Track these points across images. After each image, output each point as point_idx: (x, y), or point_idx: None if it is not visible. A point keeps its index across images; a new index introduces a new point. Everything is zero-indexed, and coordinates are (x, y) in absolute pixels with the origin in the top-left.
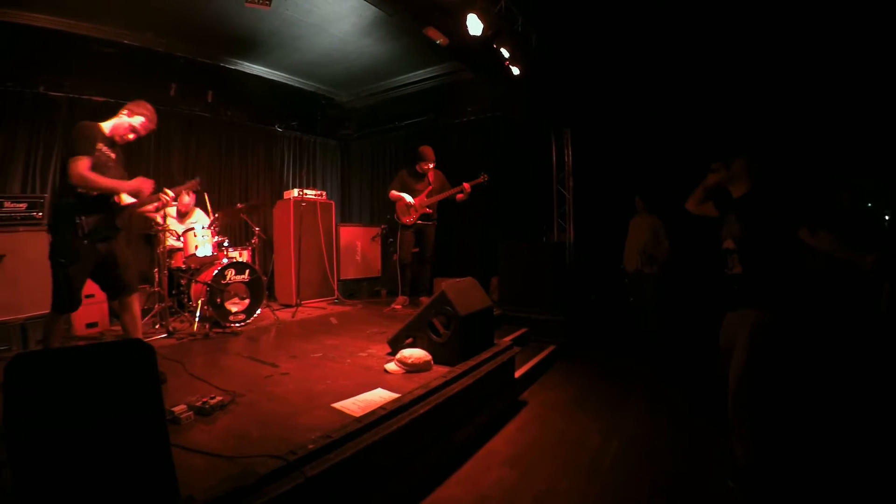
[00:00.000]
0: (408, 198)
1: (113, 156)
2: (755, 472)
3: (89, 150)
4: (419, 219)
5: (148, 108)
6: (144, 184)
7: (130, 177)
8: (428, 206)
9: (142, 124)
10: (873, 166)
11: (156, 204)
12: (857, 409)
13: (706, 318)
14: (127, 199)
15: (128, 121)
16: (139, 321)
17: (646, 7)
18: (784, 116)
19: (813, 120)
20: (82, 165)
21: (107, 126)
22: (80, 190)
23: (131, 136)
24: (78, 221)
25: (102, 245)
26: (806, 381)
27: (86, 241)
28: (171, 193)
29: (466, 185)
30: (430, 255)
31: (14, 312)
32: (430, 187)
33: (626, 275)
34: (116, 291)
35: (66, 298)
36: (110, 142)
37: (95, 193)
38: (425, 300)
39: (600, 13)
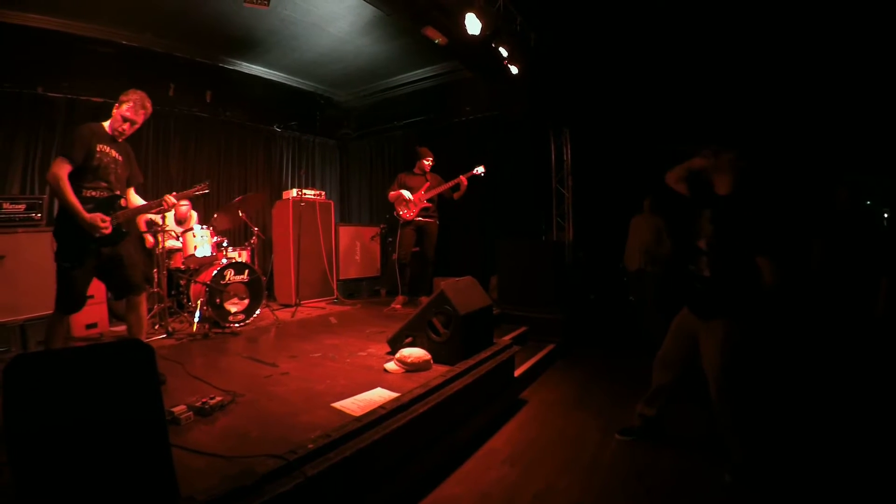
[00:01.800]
0: (406, 193)
1: (120, 157)
2: (751, 467)
3: (72, 153)
4: (419, 214)
5: (135, 93)
6: (102, 224)
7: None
8: (427, 201)
9: (129, 108)
10: (872, 162)
11: (159, 208)
12: (854, 409)
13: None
14: (135, 199)
15: (117, 112)
16: (145, 321)
17: (644, 5)
18: (784, 112)
19: (813, 116)
20: (59, 167)
21: (107, 125)
22: (85, 194)
23: (126, 127)
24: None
25: (107, 249)
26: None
27: (92, 246)
28: (172, 200)
29: (463, 178)
30: (431, 256)
31: (13, 314)
32: (428, 184)
33: (627, 274)
34: (124, 291)
35: (70, 300)
36: (112, 140)
37: (95, 194)
38: (425, 300)
39: (599, 12)
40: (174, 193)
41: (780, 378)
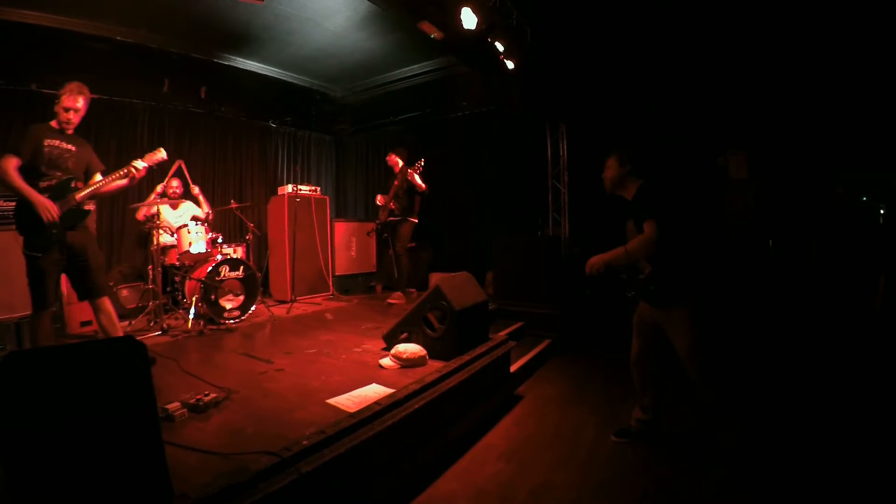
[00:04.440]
0: (378, 198)
1: (73, 148)
2: (744, 452)
3: (17, 148)
4: (389, 216)
5: (69, 84)
6: (53, 210)
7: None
8: (392, 203)
9: (66, 98)
10: (867, 158)
11: (128, 178)
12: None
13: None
14: (121, 181)
15: (58, 107)
16: (116, 319)
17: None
18: (780, 109)
19: (809, 113)
20: (5, 161)
21: (54, 122)
22: (41, 185)
23: (70, 115)
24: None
25: (74, 235)
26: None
27: (54, 231)
28: (140, 165)
29: (409, 172)
30: (396, 249)
31: (8, 312)
32: (395, 184)
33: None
34: (88, 294)
35: (42, 294)
36: (60, 133)
37: (46, 184)
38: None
39: (595, 6)
40: (133, 162)
41: (780, 374)
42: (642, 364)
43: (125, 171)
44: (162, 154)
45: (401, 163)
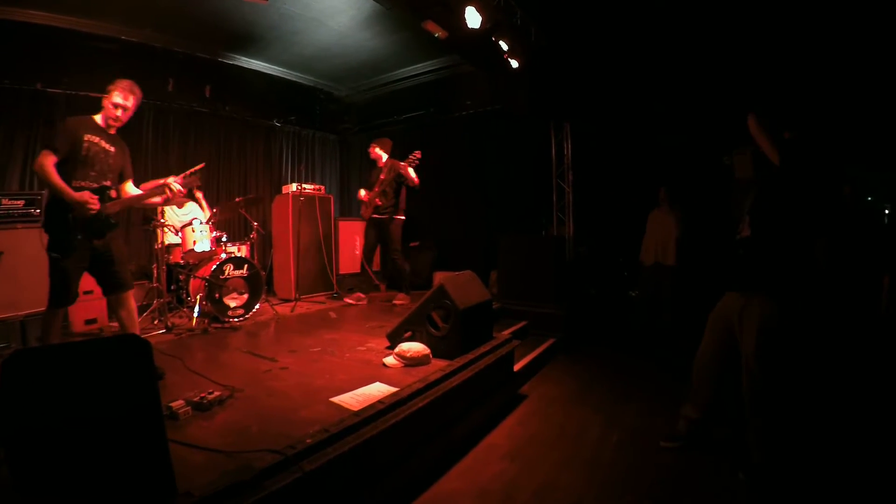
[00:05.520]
0: (362, 192)
1: (112, 149)
2: (769, 469)
3: (54, 144)
4: (374, 213)
5: (122, 81)
6: (91, 200)
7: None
8: (378, 199)
9: (119, 94)
10: (873, 158)
11: (162, 197)
12: (858, 407)
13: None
14: (132, 190)
15: (107, 101)
16: (135, 316)
17: None
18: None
19: (815, 112)
20: (43, 157)
21: (98, 117)
22: (74, 184)
23: (119, 113)
24: (70, 216)
25: (98, 241)
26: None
27: (79, 237)
28: (177, 187)
29: (402, 166)
30: (391, 252)
31: (13, 310)
32: (381, 179)
33: (644, 268)
34: (112, 288)
35: (62, 292)
36: (103, 131)
37: (84, 185)
38: (397, 294)
39: (599, 5)
40: (169, 180)
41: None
42: (705, 363)
43: (160, 190)
44: (201, 167)
45: (385, 156)
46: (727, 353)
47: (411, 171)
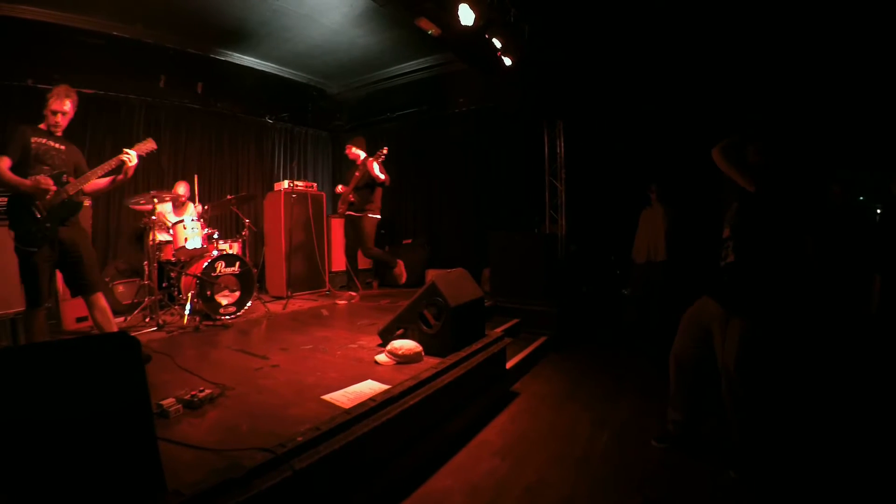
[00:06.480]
0: (338, 188)
1: (62, 147)
2: (756, 465)
3: (7, 150)
4: (348, 209)
5: (56, 88)
6: (44, 181)
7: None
8: (352, 196)
9: (54, 102)
10: (863, 158)
11: (121, 173)
12: (849, 406)
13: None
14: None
15: (46, 111)
16: (110, 315)
17: None
18: (778, 108)
19: (807, 113)
20: None
21: (42, 125)
22: (30, 178)
23: (58, 119)
24: (33, 207)
25: (66, 231)
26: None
27: (47, 225)
28: (131, 153)
29: (369, 162)
30: (364, 250)
31: (3, 308)
32: (356, 175)
33: (636, 266)
34: (79, 289)
35: (34, 291)
36: (49, 134)
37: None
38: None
39: (593, 4)
40: (125, 150)
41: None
42: (682, 362)
43: (117, 159)
44: (152, 144)
45: (362, 154)
46: (703, 353)
47: (375, 167)
